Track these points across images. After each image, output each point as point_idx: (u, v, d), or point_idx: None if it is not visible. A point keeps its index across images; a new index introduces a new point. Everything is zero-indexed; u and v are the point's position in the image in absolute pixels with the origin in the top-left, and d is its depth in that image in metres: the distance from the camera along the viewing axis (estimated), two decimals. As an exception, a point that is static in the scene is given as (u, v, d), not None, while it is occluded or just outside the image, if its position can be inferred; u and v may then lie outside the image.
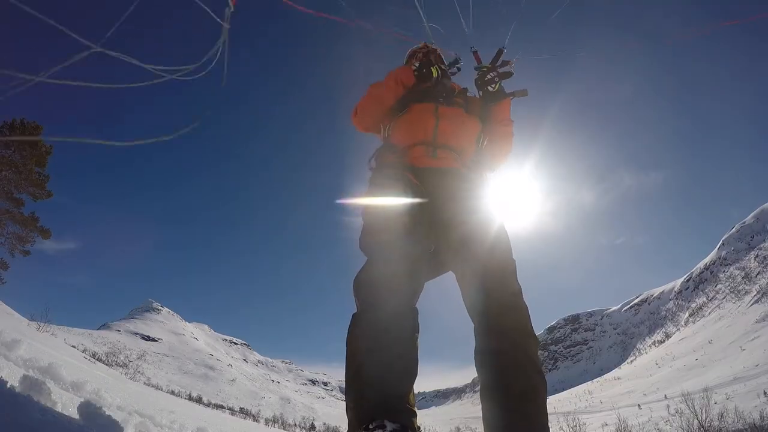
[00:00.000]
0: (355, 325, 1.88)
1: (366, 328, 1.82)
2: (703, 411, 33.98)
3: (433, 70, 2.60)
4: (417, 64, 2.70)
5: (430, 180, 2.29)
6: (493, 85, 2.56)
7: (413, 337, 1.85)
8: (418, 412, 1.72)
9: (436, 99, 2.55)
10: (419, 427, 1.75)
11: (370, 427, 1.55)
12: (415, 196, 2.16)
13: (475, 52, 2.73)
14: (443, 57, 2.96)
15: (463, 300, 2.06)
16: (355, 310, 1.94)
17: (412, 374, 1.80)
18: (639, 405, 58.49)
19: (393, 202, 2.11)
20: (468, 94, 2.75)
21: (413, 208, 2.11)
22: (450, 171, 2.37)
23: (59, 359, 7.73)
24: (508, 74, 2.59)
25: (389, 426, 1.54)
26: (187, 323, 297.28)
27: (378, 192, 2.24)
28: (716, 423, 33.36)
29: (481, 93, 2.62)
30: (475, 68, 2.67)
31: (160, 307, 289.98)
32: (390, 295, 1.85)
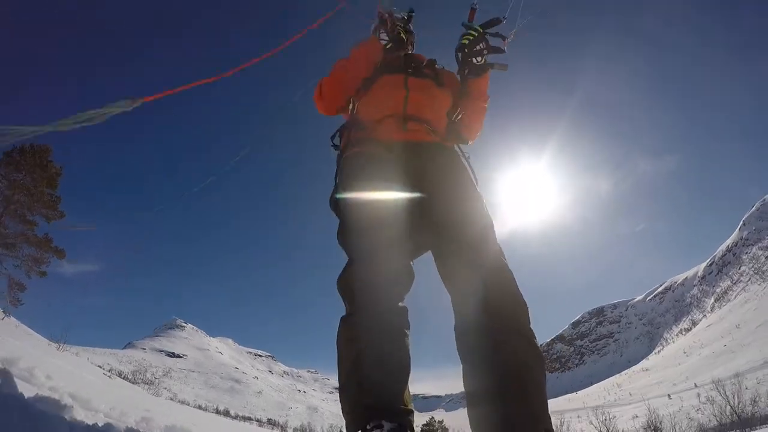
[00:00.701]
0: (344, 327, 1.82)
1: (356, 329, 1.76)
2: (735, 396, 33.38)
3: (403, 35, 2.52)
4: (386, 38, 2.59)
5: (403, 154, 2.16)
6: (479, 58, 2.32)
7: (404, 336, 1.78)
8: (446, 414, 1.75)
9: (405, 70, 2.43)
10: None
11: (368, 427, 1.53)
12: (392, 181, 2.02)
13: (473, 9, 2.44)
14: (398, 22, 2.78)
15: (441, 274, 1.98)
16: (343, 313, 1.87)
17: (406, 373, 1.75)
18: (669, 395, 57.51)
19: (373, 197, 1.98)
20: (436, 66, 2.58)
21: (394, 198, 2.00)
22: (421, 144, 2.23)
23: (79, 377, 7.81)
24: (499, 50, 2.33)
25: (387, 426, 1.52)
26: (212, 338, 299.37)
27: (355, 182, 2.07)
28: (749, 408, 32.77)
29: (461, 59, 2.37)
30: (464, 25, 2.38)
31: (183, 324, 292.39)
32: (378, 295, 1.78)
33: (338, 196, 2.13)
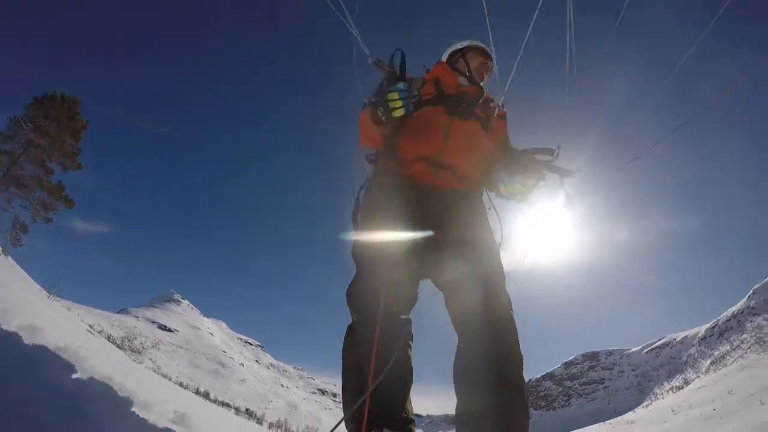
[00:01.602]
0: (350, 336, 1.88)
1: (360, 338, 1.81)
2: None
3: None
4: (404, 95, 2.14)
5: (428, 196, 2.22)
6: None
7: (407, 346, 1.84)
8: None
9: (454, 109, 2.34)
10: None
11: None
12: (412, 219, 2.09)
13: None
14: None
15: (452, 313, 2.08)
16: (350, 322, 1.94)
17: (408, 383, 1.81)
18: (649, 451, 56.60)
19: (393, 228, 2.05)
20: (491, 104, 2.53)
21: (411, 235, 2.07)
22: (447, 191, 2.27)
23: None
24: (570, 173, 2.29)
25: None
26: (205, 318, 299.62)
27: (377, 212, 2.18)
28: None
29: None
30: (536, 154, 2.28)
31: (180, 299, 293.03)
32: (383, 306, 1.81)
33: (358, 222, 2.26)
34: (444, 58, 2.72)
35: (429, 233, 2.09)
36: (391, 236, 2.01)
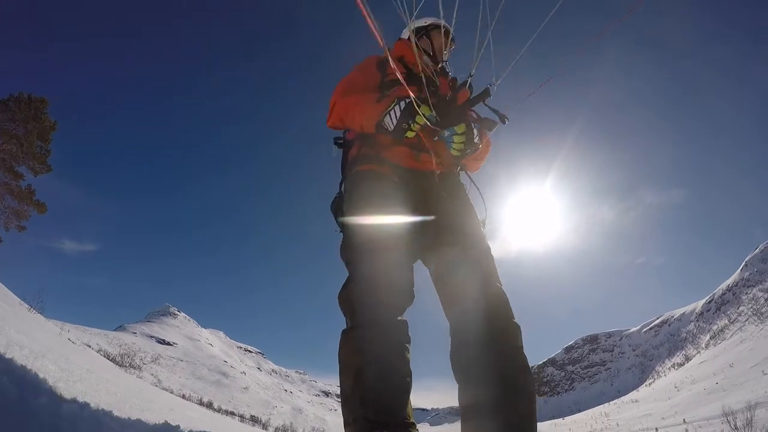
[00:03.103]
0: (346, 341, 1.85)
1: (357, 343, 1.79)
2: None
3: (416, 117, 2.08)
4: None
5: (410, 180, 2.22)
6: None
7: (405, 350, 1.81)
8: (431, 429, 1.82)
9: (427, 90, 2.29)
10: None
11: None
12: (399, 205, 2.08)
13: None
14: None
15: (442, 294, 2.09)
16: (344, 327, 1.90)
17: (407, 386, 1.78)
18: (657, 429, 56.64)
19: (379, 220, 2.01)
20: (457, 84, 2.52)
21: (400, 221, 2.04)
22: (428, 173, 2.27)
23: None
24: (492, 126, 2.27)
25: None
26: (203, 329, 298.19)
27: (362, 203, 2.11)
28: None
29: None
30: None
31: (177, 312, 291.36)
32: (378, 309, 1.81)
33: (345, 216, 2.19)
34: (405, 35, 2.69)
35: (419, 220, 2.11)
36: (383, 234, 1.98)
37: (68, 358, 7.22)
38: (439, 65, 2.65)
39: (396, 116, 2.04)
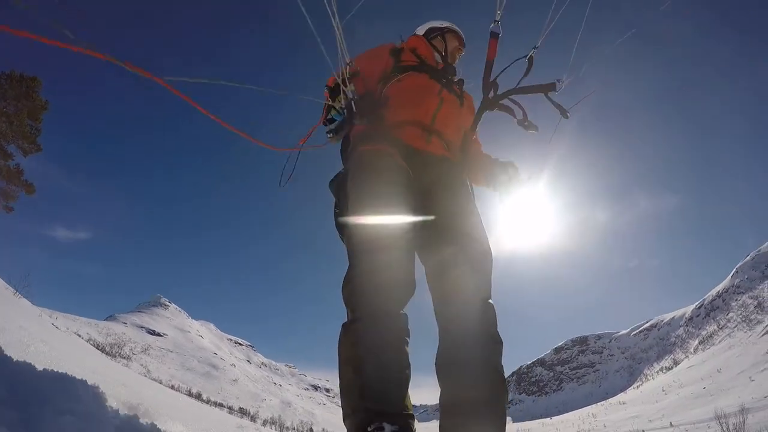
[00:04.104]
0: (346, 333, 1.84)
1: (358, 336, 1.78)
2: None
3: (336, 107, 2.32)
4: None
5: (418, 164, 2.18)
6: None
7: (404, 343, 1.81)
8: (420, 425, 1.78)
9: (440, 79, 2.37)
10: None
11: (369, 430, 1.56)
12: (405, 195, 2.02)
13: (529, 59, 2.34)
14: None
15: (436, 291, 2.05)
16: (346, 319, 1.89)
17: (406, 378, 1.77)
18: (644, 431, 57.24)
19: (388, 216, 1.94)
20: (463, 87, 2.54)
21: (404, 217, 1.98)
22: (436, 158, 2.26)
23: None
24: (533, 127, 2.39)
25: (388, 428, 1.56)
26: (194, 321, 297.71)
27: (368, 193, 2.02)
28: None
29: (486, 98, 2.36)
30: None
31: (167, 303, 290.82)
32: (379, 302, 1.80)
33: (348, 206, 2.09)
34: (420, 32, 2.73)
35: (419, 220, 2.05)
36: (386, 228, 1.94)
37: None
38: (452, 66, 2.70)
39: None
